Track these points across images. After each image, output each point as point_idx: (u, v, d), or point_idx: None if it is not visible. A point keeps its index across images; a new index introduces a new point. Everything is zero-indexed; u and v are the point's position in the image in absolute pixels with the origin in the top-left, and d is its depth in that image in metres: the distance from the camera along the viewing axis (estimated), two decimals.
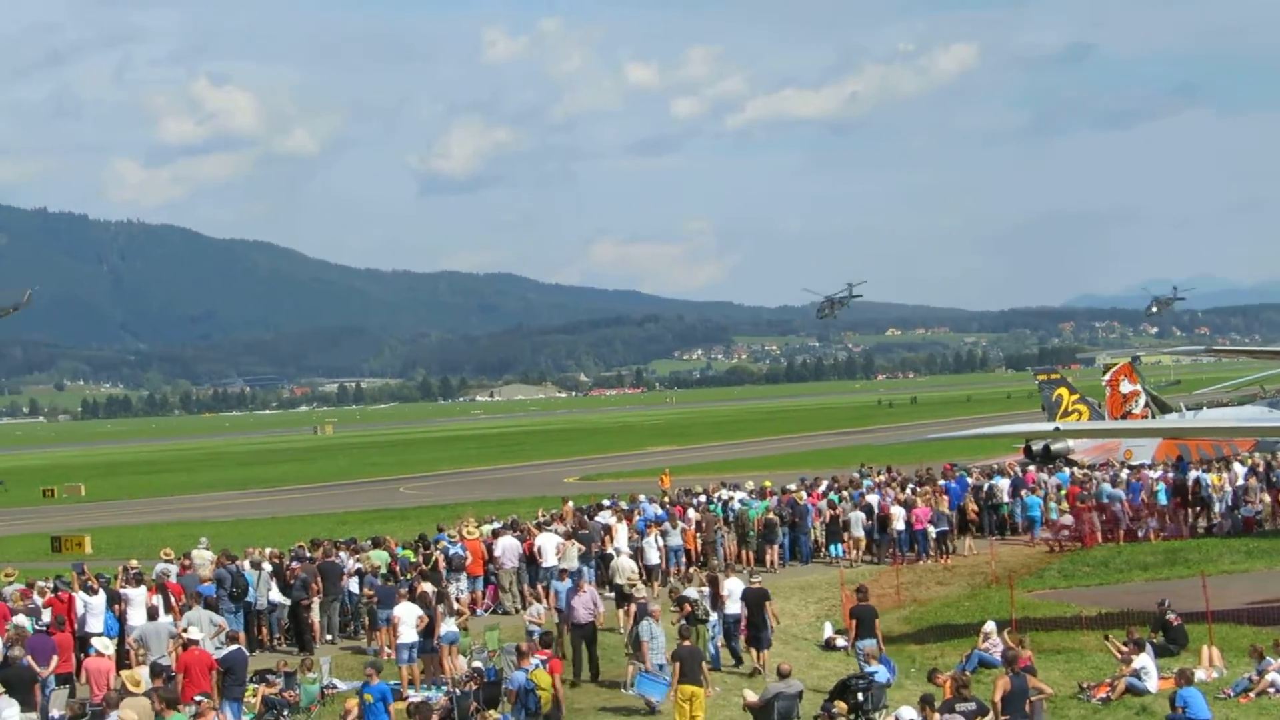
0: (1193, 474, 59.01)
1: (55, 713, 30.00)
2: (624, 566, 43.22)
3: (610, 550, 46.78)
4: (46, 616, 36.69)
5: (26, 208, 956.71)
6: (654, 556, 47.01)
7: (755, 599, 36.18)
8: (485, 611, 44.00)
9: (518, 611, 41.38)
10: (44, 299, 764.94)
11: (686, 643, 30.86)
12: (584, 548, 46.56)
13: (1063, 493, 57.92)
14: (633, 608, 36.17)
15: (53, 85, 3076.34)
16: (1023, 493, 58.21)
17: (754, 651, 35.64)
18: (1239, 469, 59.99)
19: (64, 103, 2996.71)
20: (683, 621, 32.95)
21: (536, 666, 30.28)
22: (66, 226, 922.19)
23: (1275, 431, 66.12)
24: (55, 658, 33.27)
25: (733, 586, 37.74)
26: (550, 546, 45.48)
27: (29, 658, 32.00)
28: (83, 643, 34.89)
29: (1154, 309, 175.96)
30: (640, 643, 32.58)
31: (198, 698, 25.69)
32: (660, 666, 31.48)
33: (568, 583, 37.90)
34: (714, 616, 36.00)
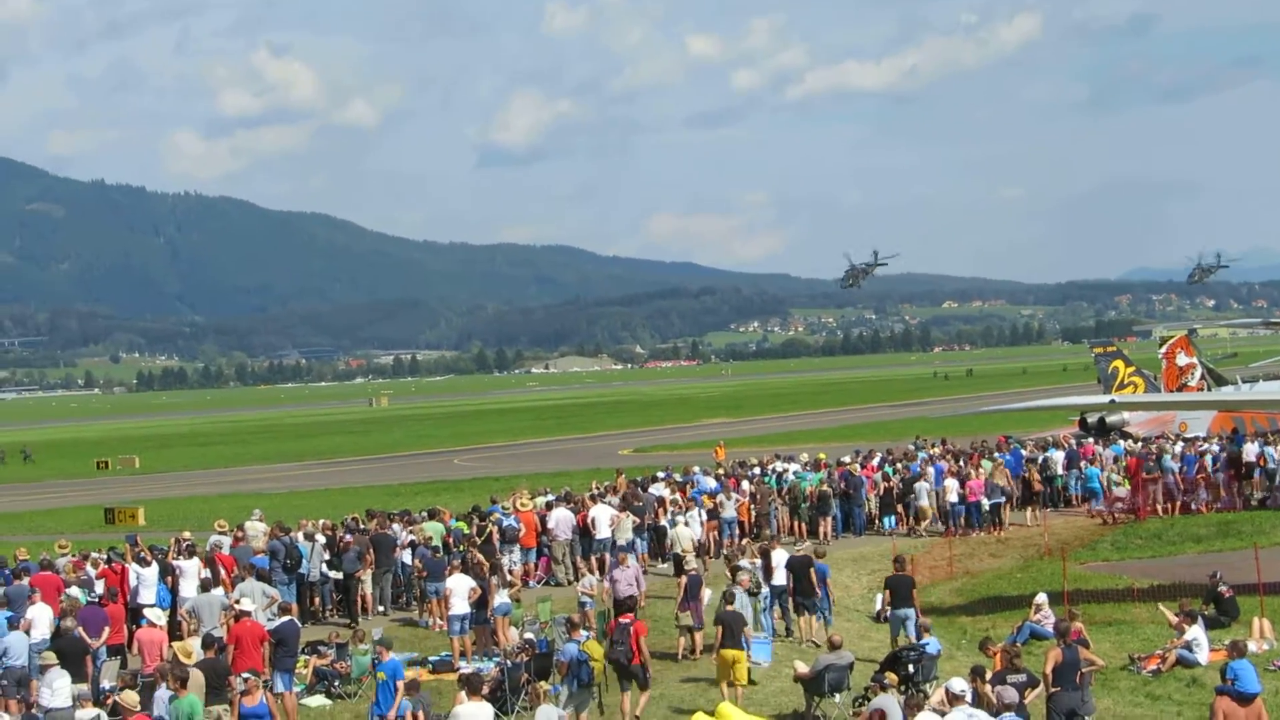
0: (1248, 446, 58.92)
1: (106, 684, 30.10)
2: (683, 535, 43.67)
3: (664, 522, 47.04)
4: (99, 588, 36.95)
5: (84, 179, 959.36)
6: (697, 530, 46.65)
7: (800, 566, 36.06)
8: (538, 583, 44.18)
9: (570, 583, 41.50)
10: (100, 271, 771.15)
11: (730, 607, 30.97)
12: (638, 520, 46.93)
13: (1121, 464, 58.04)
14: (683, 580, 36.37)
15: (112, 57, 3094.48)
16: (1082, 464, 58.32)
17: (802, 620, 35.72)
18: None
19: (123, 75, 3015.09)
20: (725, 588, 33.22)
21: (588, 638, 30.40)
22: (124, 198, 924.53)
23: None
24: (107, 629, 33.45)
25: (779, 559, 37.66)
26: (604, 519, 45.73)
27: (81, 629, 32.16)
28: (135, 614, 35.13)
29: (1195, 277, 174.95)
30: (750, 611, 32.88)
31: (245, 675, 25.78)
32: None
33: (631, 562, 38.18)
34: (765, 589, 36.05)
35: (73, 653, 30.63)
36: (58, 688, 27.56)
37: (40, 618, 32.90)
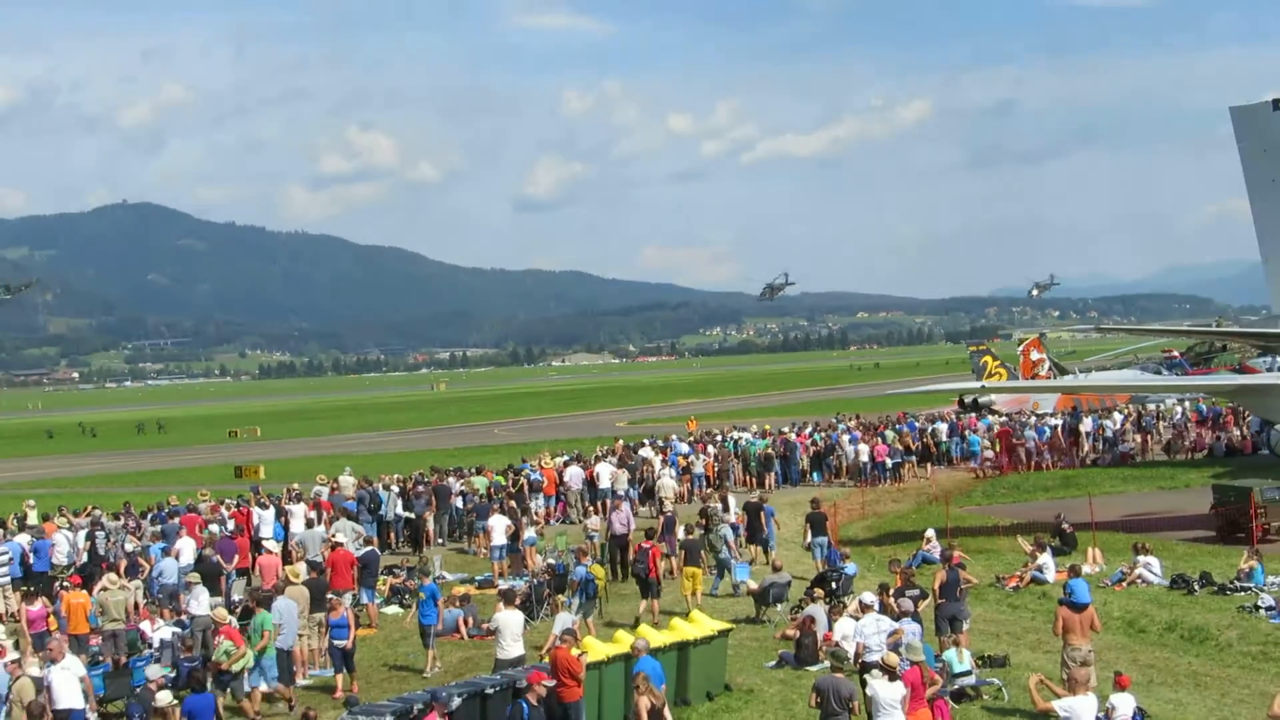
0: (1085, 420, 59.08)
1: (235, 597, 30.34)
2: (666, 485, 44.64)
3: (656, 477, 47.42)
4: (231, 525, 37.05)
5: (219, 221, 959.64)
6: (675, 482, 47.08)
7: (752, 509, 36.53)
8: (557, 522, 44.24)
9: (580, 522, 41.54)
10: (232, 290, 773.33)
11: (691, 536, 31.88)
12: (630, 475, 47.21)
13: (992, 433, 58.16)
14: (661, 519, 36.55)
15: (243, 130, 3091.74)
16: (966, 433, 59.10)
17: (752, 548, 35.68)
18: (1118, 416, 60.03)
19: (250, 143, 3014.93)
20: (696, 522, 33.88)
21: (593, 563, 30.49)
22: (250, 236, 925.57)
23: (1145, 388, 65.96)
24: (237, 556, 33.67)
25: (734, 503, 38.74)
26: (605, 474, 46.30)
27: (218, 556, 32.52)
28: (257, 545, 35.24)
29: (1034, 292, 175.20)
30: (728, 542, 33.17)
31: (330, 594, 25.76)
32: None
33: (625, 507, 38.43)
34: (725, 525, 36.06)
35: (210, 574, 31.01)
36: (201, 600, 27.61)
37: (186, 548, 33.16)
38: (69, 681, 20.04)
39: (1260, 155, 56.12)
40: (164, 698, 19.96)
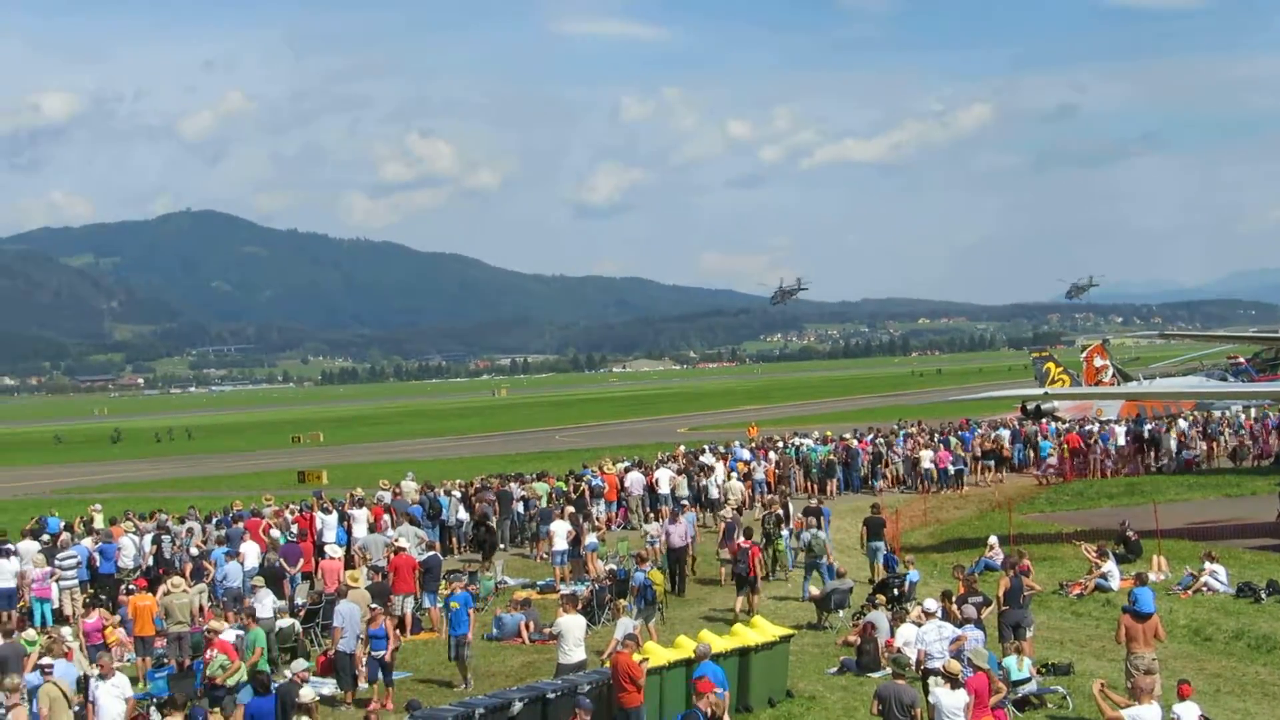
0: (1147, 426, 58.83)
1: (299, 600, 30.60)
2: (735, 489, 44.63)
3: (710, 484, 47.36)
4: (294, 530, 37.31)
5: (282, 229, 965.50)
6: (713, 491, 46.67)
7: (812, 513, 36.43)
8: (618, 527, 44.21)
9: (640, 528, 41.56)
10: (294, 296, 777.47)
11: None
12: (693, 481, 47.26)
13: (1061, 439, 57.89)
14: (722, 525, 36.62)
15: (304, 139, 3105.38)
16: (1038, 438, 58.64)
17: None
18: (1183, 423, 59.71)
19: (311, 151, 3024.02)
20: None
21: (652, 568, 30.55)
22: (311, 243, 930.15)
23: (1211, 395, 65.57)
24: (300, 560, 33.89)
25: (794, 509, 39.08)
26: (665, 480, 46.04)
27: (281, 560, 32.72)
28: (320, 549, 35.41)
29: (1073, 294, 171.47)
30: (810, 547, 33.03)
31: (371, 605, 25.87)
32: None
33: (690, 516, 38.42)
34: (786, 531, 36.07)
35: (274, 577, 31.14)
36: (265, 603, 27.78)
37: (250, 552, 33.38)
38: (113, 699, 20.24)
39: None
40: (307, 693, 20.07)
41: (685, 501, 45.02)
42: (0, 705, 19.82)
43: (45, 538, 38.95)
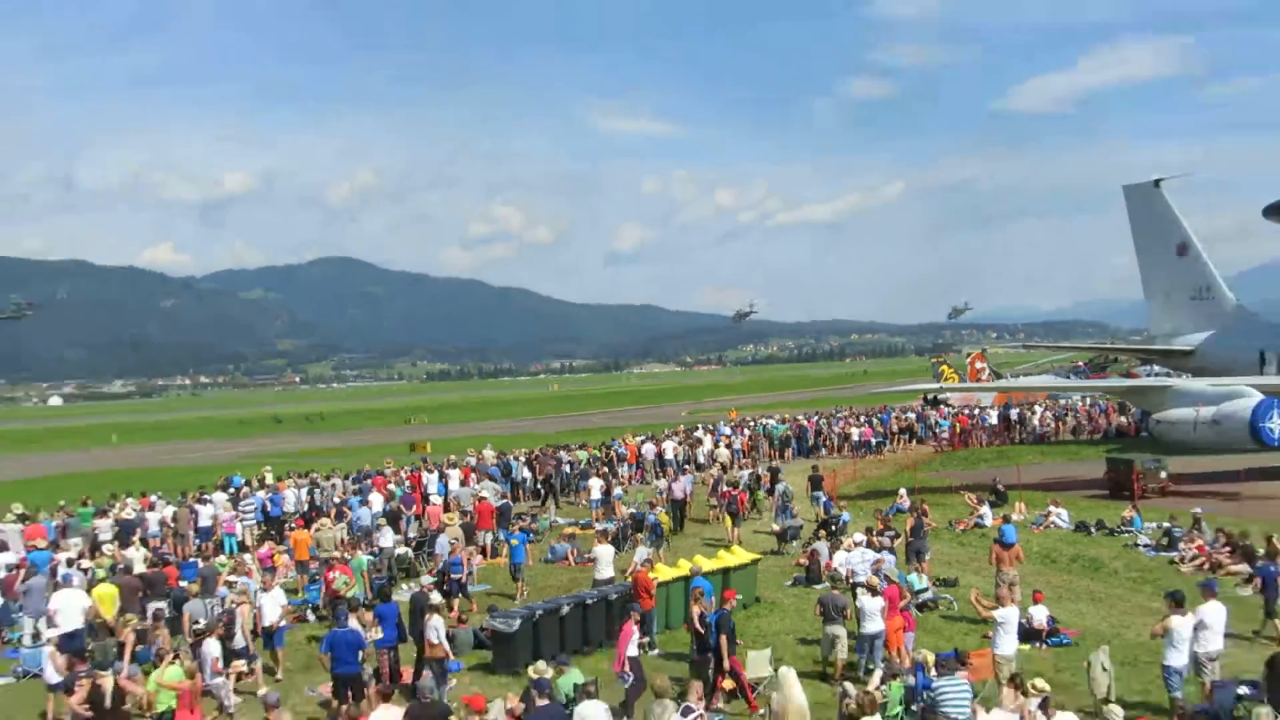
0: (1013, 410, 58.82)
1: (410, 534, 30.80)
2: (721, 455, 45.92)
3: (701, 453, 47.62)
4: (407, 485, 37.54)
5: (396, 270, 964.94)
6: (701, 458, 47.76)
7: (773, 472, 36.98)
8: (636, 483, 44.34)
9: (652, 483, 41.65)
10: (406, 319, 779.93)
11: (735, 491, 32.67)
12: (689, 450, 47.48)
13: (953, 419, 57.92)
14: (711, 479, 36.87)
15: (414, 205, 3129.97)
16: (935, 419, 58.67)
17: (771, 498, 35.71)
18: (1038, 409, 59.72)
19: (419, 214, 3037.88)
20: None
21: (661, 512, 30.80)
22: (418, 280, 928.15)
23: (1058, 388, 65.50)
24: (413, 506, 34.14)
25: (762, 469, 39.13)
26: (670, 449, 46.69)
27: (399, 505, 33.05)
28: (425, 498, 35.58)
29: (953, 315, 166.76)
30: (785, 495, 33.39)
31: (451, 540, 26.07)
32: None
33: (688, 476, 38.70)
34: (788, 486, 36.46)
35: (394, 518, 31.48)
36: (386, 537, 28.01)
37: (376, 500, 33.58)
38: (274, 605, 20.52)
39: (1144, 219, 55.92)
40: (436, 597, 20.30)
41: (686, 465, 45.62)
42: (232, 603, 20.20)
43: (231, 490, 39.32)
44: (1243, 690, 15.66)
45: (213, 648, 17.83)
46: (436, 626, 18.56)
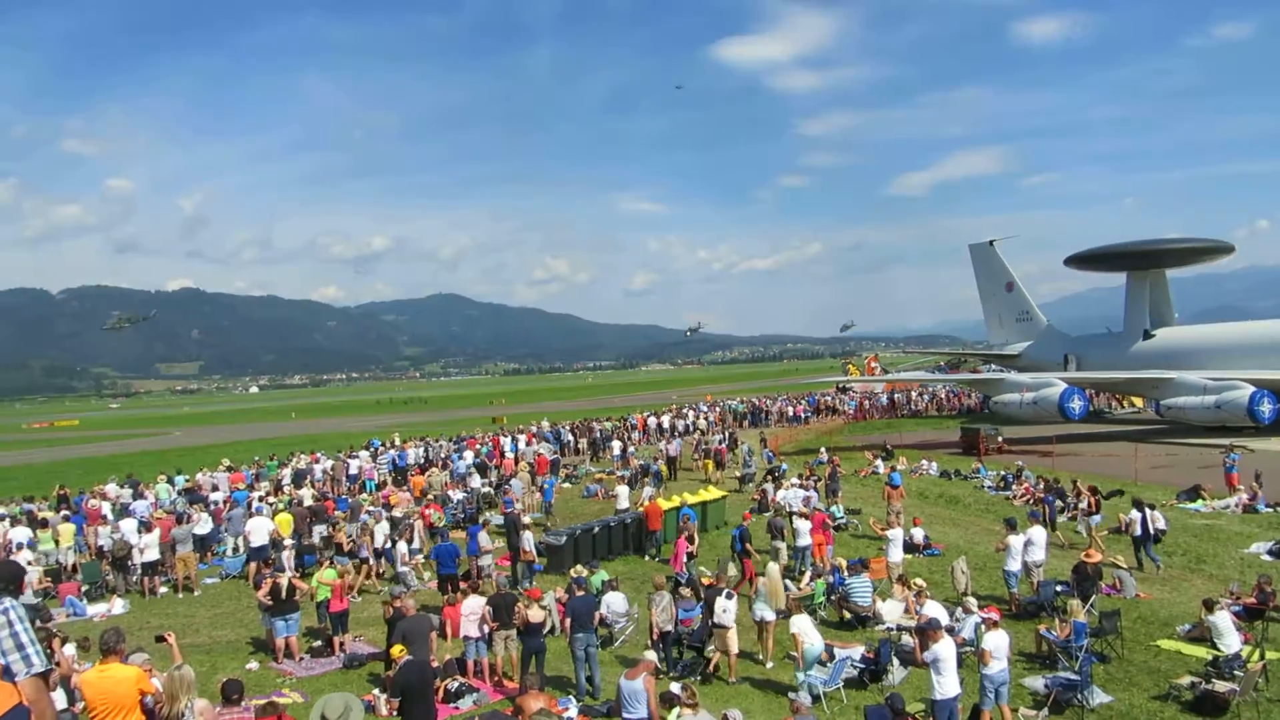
0: (897, 394, 58.38)
1: (492, 479, 30.42)
2: (701, 425, 45.30)
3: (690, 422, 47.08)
4: (490, 444, 37.32)
5: (485, 302, 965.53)
6: (682, 426, 46.51)
7: (732, 437, 36.79)
8: (644, 444, 44.01)
9: (655, 444, 41.36)
10: (493, 334, 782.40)
11: (715, 448, 31.56)
12: (682, 420, 47.04)
13: (857, 400, 57.55)
14: (696, 439, 36.56)
15: (497, 258, 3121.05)
16: (846, 399, 58.03)
17: (736, 454, 35.46)
18: (914, 394, 59.25)
19: (500, 264, 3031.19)
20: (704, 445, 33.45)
21: (661, 463, 30.46)
22: (500, 309, 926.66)
23: (927, 380, 64.90)
24: (495, 460, 33.87)
25: (728, 434, 38.18)
26: (666, 420, 46.51)
27: (484, 459, 32.70)
28: (502, 454, 35.43)
29: (843, 329, 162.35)
30: (749, 452, 32.65)
31: (540, 477, 25.85)
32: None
33: (678, 441, 38.23)
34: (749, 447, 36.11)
35: (481, 469, 31.15)
36: (474, 481, 27.74)
37: (469, 455, 33.43)
38: (380, 532, 20.33)
39: (983, 266, 55.67)
40: (526, 519, 20.03)
41: (678, 433, 45.07)
42: (394, 535, 19.66)
43: (371, 448, 39.16)
44: (1059, 588, 15.39)
45: (401, 547, 18.24)
46: (528, 539, 18.38)
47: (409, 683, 9.42)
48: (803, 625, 11.99)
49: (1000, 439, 36.40)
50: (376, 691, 12.21)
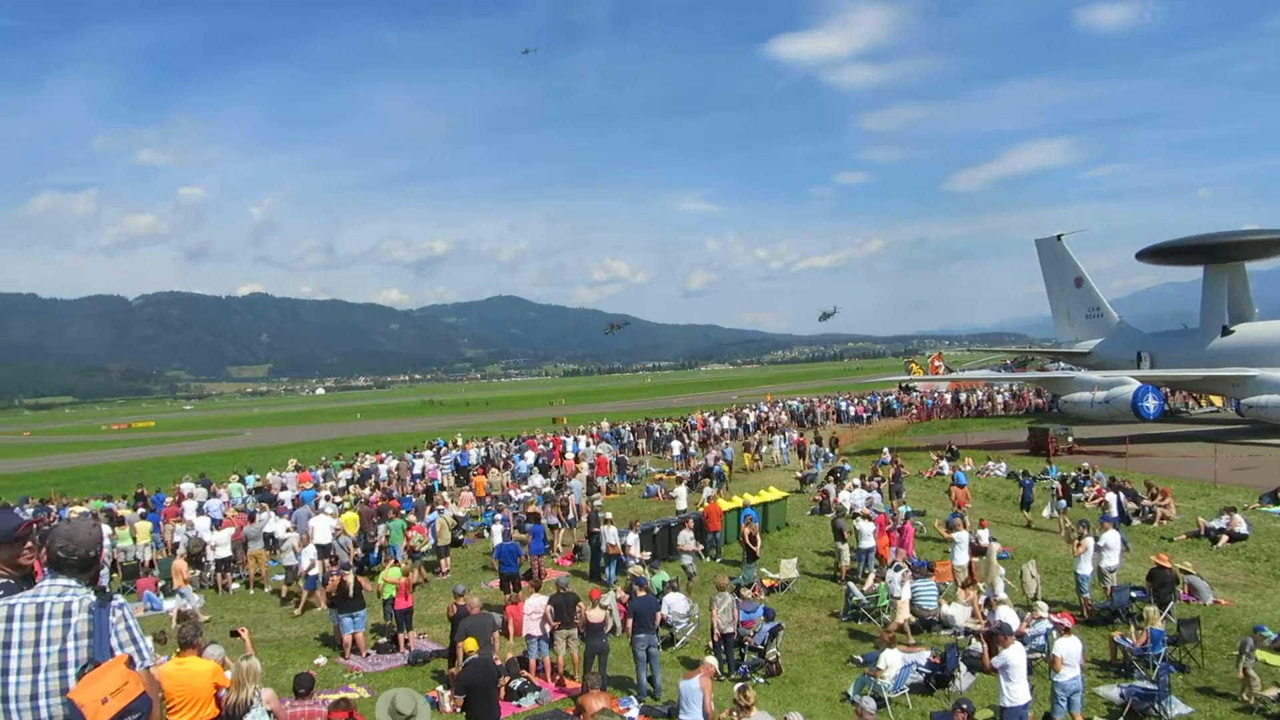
0: (962, 394, 57.30)
1: (552, 478, 30.58)
2: (761, 425, 43.51)
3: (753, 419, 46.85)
4: (550, 444, 37.52)
5: (544, 304, 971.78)
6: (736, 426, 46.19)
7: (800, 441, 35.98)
8: (702, 445, 43.98)
9: (714, 445, 41.24)
10: (552, 335, 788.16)
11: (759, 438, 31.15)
12: (742, 418, 46.85)
13: (906, 400, 56.66)
14: (758, 437, 36.32)
15: (556, 260, 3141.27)
16: (914, 399, 57.22)
17: (802, 459, 35.20)
18: (978, 392, 58.13)
19: (558, 266, 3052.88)
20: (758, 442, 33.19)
21: (721, 464, 30.25)
22: (560, 310, 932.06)
23: (993, 379, 63.60)
24: (555, 460, 34.01)
25: (791, 433, 37.88)
26: (726, 420, 46.17)
27: (544, 458, 32.86)
28: (563, 454, 35.52)
29: (822, 318, 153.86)
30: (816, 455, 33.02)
31: (600, 478, 25.88)
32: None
33: (729, 448, 38.00)
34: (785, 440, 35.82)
35: (543, 468, 31.37)
36: (533, 481, 27.92)
37: (529, 455, 33.66)
38: (446, 527, 20.71)
39: (1050, 262, 54.40)
40: (609, 514, 20.10)
41: (738, 432, 44.86)
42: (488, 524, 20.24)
43: (434, 448, 39.70)
44: (1134, 594, 14.93)
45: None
46: (613, 534, 18.52)
47: (473, 680, 9.52)
48: (891, 659, 11.76)
49: (1070, 439, 35.46)
50: (441, 688, 12.37)
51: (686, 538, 18.57)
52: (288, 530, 20.83)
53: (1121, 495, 22.01)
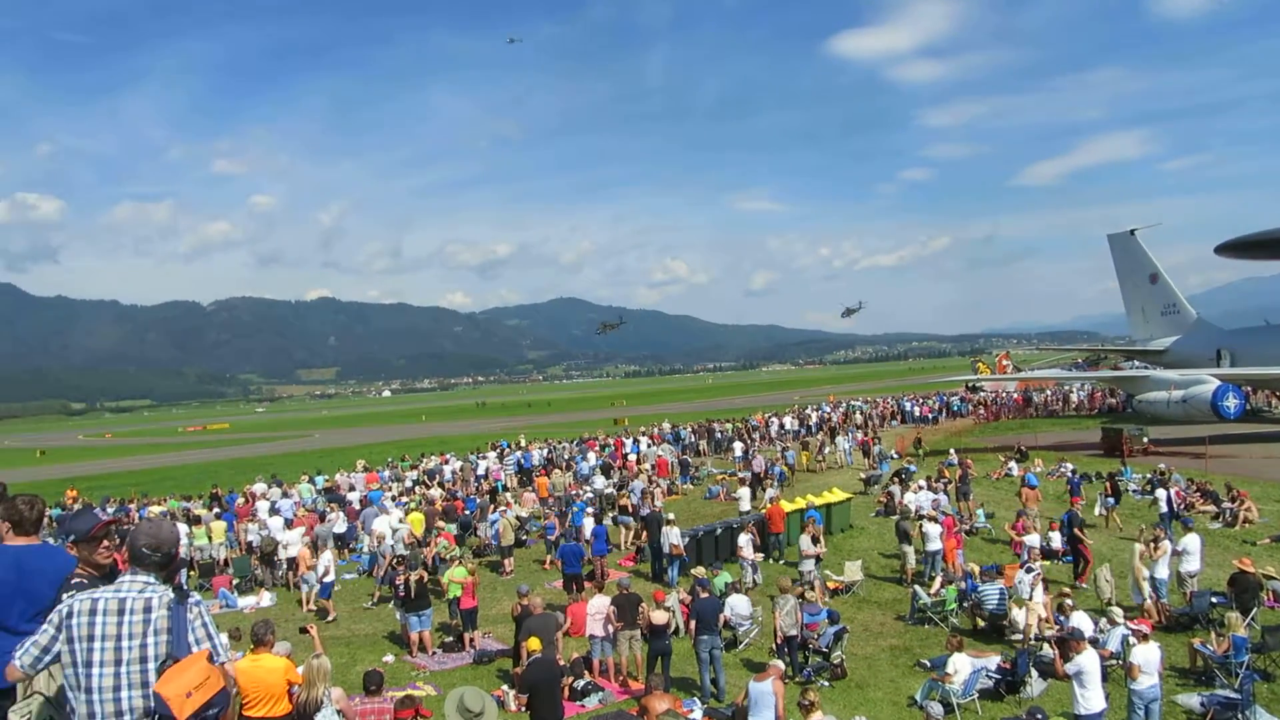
0: (1034, 395, 56.03)
1: (614, 478, 30.65)
2: (823, 425, 42.83)
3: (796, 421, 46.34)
4: (612, 445, 37.62)
5: (606, 305, 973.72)
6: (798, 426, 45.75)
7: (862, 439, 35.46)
8: (766, 445, 43.65)
9: (774, 446, 40.87)
10: (613, 337, 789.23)
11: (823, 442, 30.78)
12: (804, 419, 46.40)
13: (969, 400, 55.56)
14: (821, 438, 35.91)
15: (619, 262, 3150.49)
16: (981, 398, 56.16)
17: (866, 459, 34.71)
18: (1048, 391, 56.77)
19: (622, 268, 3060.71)
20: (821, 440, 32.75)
21: (783, 464, 29.98)
22: (620, 312, 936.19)
23: (1063, 378, 62.12)
24: (616, 461, 34.08)
25: (853, 434, 37.32)
26: (788, 421, 45.68)
27: (606, 459, 32.94)
28: (625, 456, 35.60)
29: (846, 313, 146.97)
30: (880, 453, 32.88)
31: (660, 479, 25.84)
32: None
33: (791, 452, 37.68)
34: (845, 444, 35.34)
35: (605, 469, 31.55)
36: (597, 482, 27.98)
37: (591, 456, 33.75)
38: (509, 527, 20.97)
39: (1123, 258, 52.89)
40: (670, 515, 20.22)
41: (799, 433, 44.42)
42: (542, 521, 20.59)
43: (499, 449, 40.13)
44: (1214, 600, 14.43)
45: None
46: (675, 534, 18.55)
47: (537, 680, 9.61)
48: (960, 664, 11.57)
49: (1146, 440, 34.42)
50: (505, 687, 12.50)
51: (745, 541, 18.51)
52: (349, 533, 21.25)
53: (1171, 493, 21.39)
